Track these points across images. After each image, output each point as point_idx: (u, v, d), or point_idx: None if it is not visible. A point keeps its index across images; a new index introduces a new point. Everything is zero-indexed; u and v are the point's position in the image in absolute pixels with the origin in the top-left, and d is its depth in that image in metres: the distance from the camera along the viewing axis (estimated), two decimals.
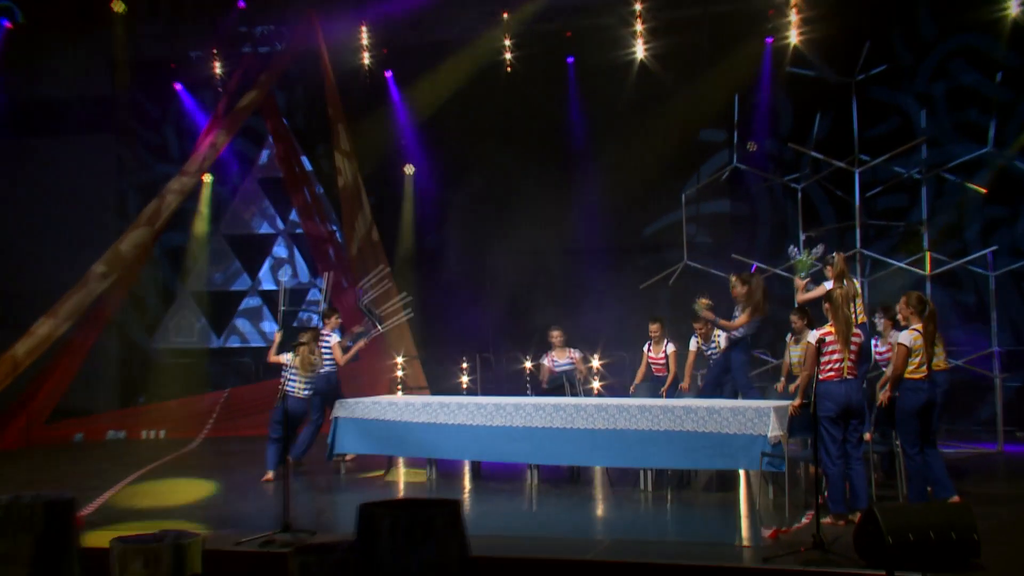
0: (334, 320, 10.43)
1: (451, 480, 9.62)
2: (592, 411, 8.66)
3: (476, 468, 9.90)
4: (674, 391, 9.98)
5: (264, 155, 16.77)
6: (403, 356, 13.02)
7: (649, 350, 10.35)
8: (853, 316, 7.03)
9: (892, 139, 12.37)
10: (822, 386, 6.82)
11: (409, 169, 15.86)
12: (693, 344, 10.11)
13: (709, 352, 9.97)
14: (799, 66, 12.57)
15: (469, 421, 9.27)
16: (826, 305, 6.96)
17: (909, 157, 12.19)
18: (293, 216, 16.28)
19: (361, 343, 10.45)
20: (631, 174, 13.88)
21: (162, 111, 16.47)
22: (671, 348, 10.18)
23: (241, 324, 16.52)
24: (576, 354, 10.54)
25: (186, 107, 16.10)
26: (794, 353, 9.11)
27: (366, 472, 10.09)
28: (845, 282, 7.05)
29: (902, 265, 11.57)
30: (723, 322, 9.41)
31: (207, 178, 15.97)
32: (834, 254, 8.39)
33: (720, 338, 9.90)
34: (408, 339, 14.84)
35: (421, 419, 9.52)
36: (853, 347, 6.88)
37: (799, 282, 9.36)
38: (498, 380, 13.33)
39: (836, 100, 12.20)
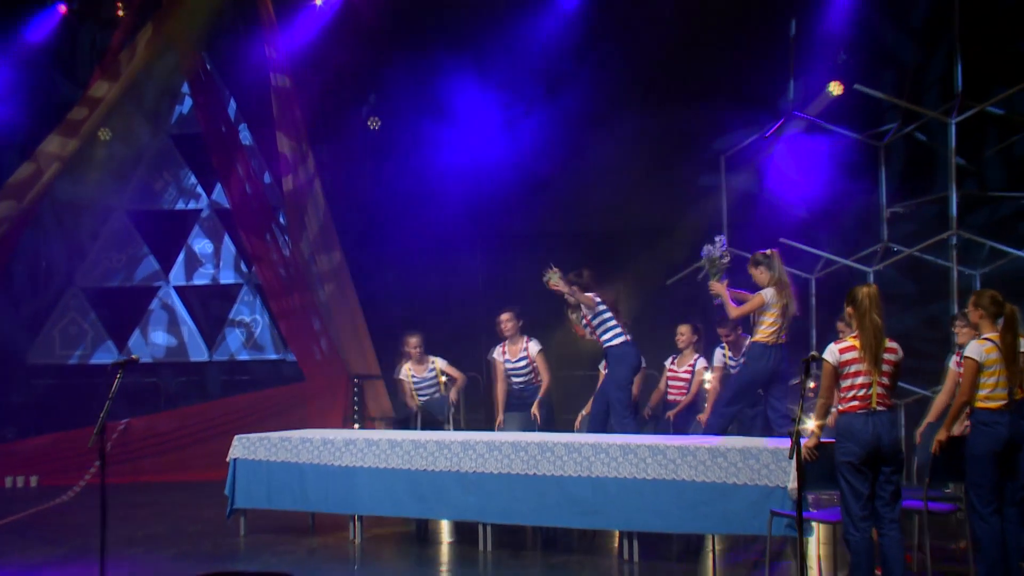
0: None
1: (379, 543, 9.65)
2: (562, 452, 8.59)
3: (420, 527, 9.94)
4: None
5: (185, 104, 16.83)
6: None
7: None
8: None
9: None
10: (842, 420, 6.69)
11: (374, 123, 15.85)
12: (719, 358, 10.03)
13: (737, 369, 9.86)
14: None
15: (405, 465, 9.27)
16: (848, 309, 6.80)
17: None
18: (217, 196, 16.35)
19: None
20: (651, 125, 13.77)
21: (43, 41, 16.45)
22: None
23: (150, 333, 16.63)
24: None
25: (72, 37, 16.16)
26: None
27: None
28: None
29: (1017, 252, 11.37)
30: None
31: (103, 135, 16.06)
32: (767, 251, 8.23)
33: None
34: (370, 355, 14.88)
35: (344, 462, 9.53)
36: (886, 366, 6.71)
37: (717, 286, 9.23)
38: (488, 404, 13.29)
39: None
